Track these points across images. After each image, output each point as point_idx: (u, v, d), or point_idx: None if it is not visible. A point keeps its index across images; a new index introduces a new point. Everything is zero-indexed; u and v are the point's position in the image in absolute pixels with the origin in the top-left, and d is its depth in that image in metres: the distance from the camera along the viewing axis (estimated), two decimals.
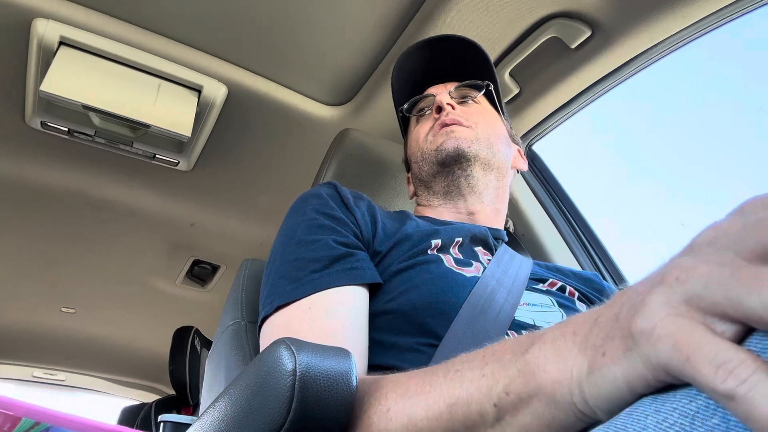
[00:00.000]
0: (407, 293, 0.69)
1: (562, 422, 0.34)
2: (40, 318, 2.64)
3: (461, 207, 0.90)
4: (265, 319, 0.68)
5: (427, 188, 0.93)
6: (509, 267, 0.78)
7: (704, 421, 0.24)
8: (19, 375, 3.06)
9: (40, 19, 1.15)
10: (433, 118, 0.92)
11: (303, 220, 0.76)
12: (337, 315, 0.64)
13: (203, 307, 2.50)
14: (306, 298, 0.65)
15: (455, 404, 0.41)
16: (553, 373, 0.34)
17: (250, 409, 0.42)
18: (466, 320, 0.65)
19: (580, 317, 0.36)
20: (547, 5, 1.11)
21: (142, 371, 3.20)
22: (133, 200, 1.79)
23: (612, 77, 1.20)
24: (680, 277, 0.28)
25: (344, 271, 0.68)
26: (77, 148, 1.51)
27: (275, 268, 0.72)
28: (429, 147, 0.90)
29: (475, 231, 0.82)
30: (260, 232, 1.94)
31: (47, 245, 2.05)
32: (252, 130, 1.51)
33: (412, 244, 0.75)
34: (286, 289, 0.67)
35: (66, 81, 1.17)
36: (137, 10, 1.19)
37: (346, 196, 0.80)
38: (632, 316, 0.29)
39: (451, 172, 0.88)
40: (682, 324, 0.26)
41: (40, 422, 0.53)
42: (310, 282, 0.67)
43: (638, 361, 0.28)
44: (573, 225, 1.37)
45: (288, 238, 0.75)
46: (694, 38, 1.07)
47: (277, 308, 0.66)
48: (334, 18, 1.19)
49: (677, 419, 0.25)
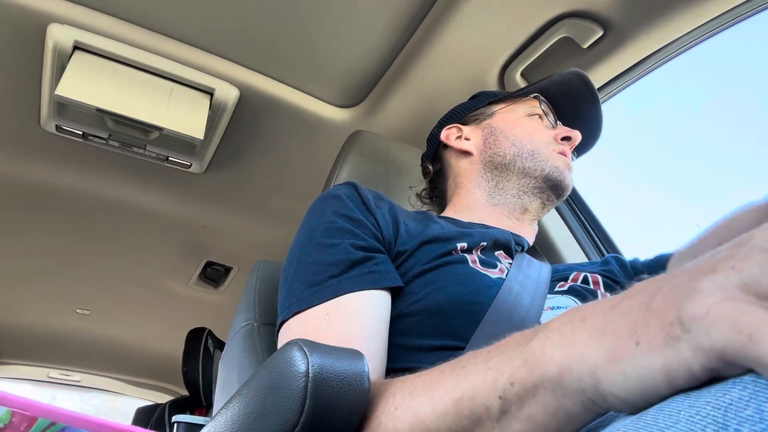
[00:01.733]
0: (433, 294, 0.68)
1: (568, 410, 0.33)
2: (56, 319, 2.67)
3: (514, 216, 0.91)
4: (283, 323, 0.67)
5: (497, 177, 0.92)
6: (530, 271, 0.77)
7: (738, 413, 0.23)
8: (35, 376, 3.09)
9: (54, 24, 1.16)
10: (555, 135, 0.92)
11: (322, 222, 0.75)
12: (355, 321, 0.62)
13: (216, 309, 2.51)
14: (324, 304, 0.64)
15: (461, 399, 0.40)
16: (560, 360, 0.33)
17: (263, 410, 0.42)
18: (494, 323, 0.64)
19: (590, 305, 0.35)
20: (558, 5, 1.10)
21: (156, 372, 3.22)
22: (147, 202, 1.81)
23: (624, 77, 1.20)
24: (736, 266, 0.27)
25: (363, 275, 0.67)
26: (91, 151, 1.53)
27: (293, 270, 0.72)
28: (548, 155, 0.89)
29: (499, 236, 0.81)
30: (272, 234, 1.95)
31: (62, 247, 2.07)
32: (264, 132, 1.52)
33: (437, 246, 0.74)
34: (304, 294, 0.66)
35: (80, 85, 1.19)
36: (150, 14, 1.20)
37: (366, 196, 0.79)
38: (677, 304, 0.28)
39: (548, 197, 0.90)
40: (740, 306, 0.25)
41: (56, 422, 0.53)
42: (328, 287, 0.66)
43: (685, 349, 0.27)
44: (585, 225, 1.37)
45: (307, 239, 0.74)
46: (707, 37, 1.06)
47: (295, 313, 0.65)
48: (345, 20, 1.19)
49: (710, 411, 0.24)
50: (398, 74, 1.32)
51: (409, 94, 1.35)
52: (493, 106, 1.00)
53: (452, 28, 1.17)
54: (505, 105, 0.98)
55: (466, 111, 1.03)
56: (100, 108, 1.20)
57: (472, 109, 1.02)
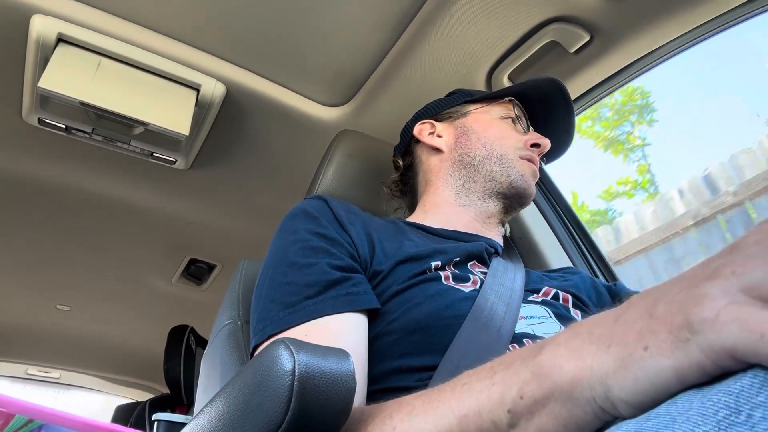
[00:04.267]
0: (409, 312, 0.67)
1: (579, 420, 0.34)
2: (35, 315, 2.63)
3: (481, 219, 0.91)
4: (257, 347, 0.65)
5: (464, 176, 0.92)
6: (504, 279, 0.77)
7: (750, 399, 0.25)
8: (13, 372, 3.04)
9: (38, 16, 1.14)
10: (525, 140, 0.93)
11: (295, 240, 0.73)
12: (334, 344, 0.60)
13: (199, 307, 2.50)
14: (300, 326, 0.63)
15: (466, 416, 0.41)
16: (571, 371, 0.34)
17: (248, 408, 0.42)
18: (469, 335, 0.64)
19: (593, 319, 0.36)
20: (546, 10, 1.11)
21: (137, 369, 3.19)
22: (130, 198, 1.79)
23: (610, 81, 1.21)
24: (736, 270, 0.29)
25: (340, 296, 0.66)
26: (74, 145, 1.51)
27: (265, 290, 0.70)
28: (516, 162, 0.90)
29: (472, 249, 0.81)
30: (257, 232, 1.94)
31: (43, 242, 2.04)
32: (250, 129, 1.51)
33: (413, 266, 0.74)
34: (279, 315, 0.65)
35: (64, 78, 1.17)
36: (136, 7, 1.19)
37: (338, 212, 0.78)
38: (684, 309, 0.30)
39: (511, 204, 0.92)
40: (748, 308, 0.27)
41: (33, 420, 0.52)
42: (304, 309, 0.64)
43: (695, 351, 0.28)
44: (568, 227, 1.38)
45: (279, 259, 0.72)
46: (693, 44, 1.08)
47: (269, 336, 0.64)
48: (334, 18, 1.19)
49: (722, 398, 0.26)
50: (386, 74, 1.32)
51: (397, 94, 1.36)
52: (469, 105, 1.00)
53: (441, 30, 1.17)
54: (480, 105, 0.99)
55: (441, 108, 1.03)
56: (84, 101, 1.18)
57: (447, 106, 1.02)
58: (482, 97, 1.01)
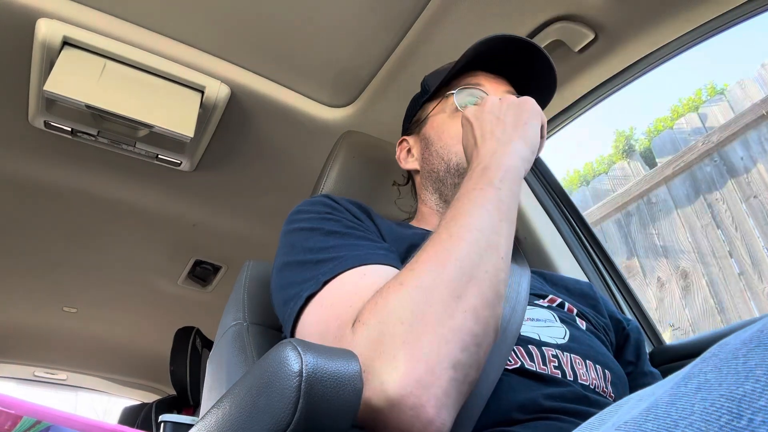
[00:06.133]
0: None
1: None
2: (42, 317, 2.64)
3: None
4: (311, 297, 0.62)
5: (438, 190, 0.92)
6: (510, 281, 0.75)
7: (751, 403, 0.25)
8: (20, 374, 3.06)
9: (43, 19, 1.15)
10: None
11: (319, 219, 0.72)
12: None
13: (204, 308, 2.50)
14: (357, 268, 0.61)
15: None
16: None
17: (255, 409, 0.42)
18: None
19: None
20: (550, 9, 1.11)
21: (143, 371, 3.20)
22: (136, 200, 1.79)
23: (615, 80, 1.21)
24: None
25: (388, 253, 0.65)
26: (80, 148, 1.51)
27: (299, 258, 0.67)
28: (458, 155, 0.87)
29: None
30: (262, 233, 1.94)
31: (49, 245, 2.05)
32: (254, 131, 1.51)
33: None
34: (328, 266, 0.62)
35: (69, 81, 1.18)
36: (141, 10, 1.19)
37: (347, 206, 0.78)
38: None
39: None
40: None
41: (41, 421, 0.52)
42: (355, 257, 0.62)
43: None
44: (575, 228, 1.37)
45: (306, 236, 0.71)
46: (698, 42, 1.07)
47: (324, 283, 0.62)
48: (338, 19, 1.19)
49: (724, 403, 0.26)
50: (391, 75, 1.32)
51: (402, 95, 1.35)
52: (427, 106, 0.98)
53: (445, 29, 1.17)
54: (436, 103, 0.95)
55: (409, 116, 1.03)
56: (89, 104, 1.19)
57: (412, 113, 1.02)
58: (436, 90, 0.95)
